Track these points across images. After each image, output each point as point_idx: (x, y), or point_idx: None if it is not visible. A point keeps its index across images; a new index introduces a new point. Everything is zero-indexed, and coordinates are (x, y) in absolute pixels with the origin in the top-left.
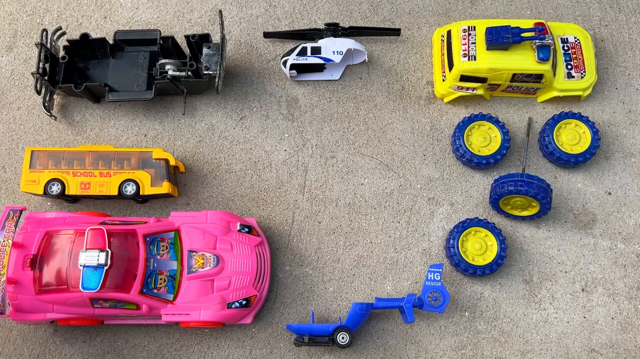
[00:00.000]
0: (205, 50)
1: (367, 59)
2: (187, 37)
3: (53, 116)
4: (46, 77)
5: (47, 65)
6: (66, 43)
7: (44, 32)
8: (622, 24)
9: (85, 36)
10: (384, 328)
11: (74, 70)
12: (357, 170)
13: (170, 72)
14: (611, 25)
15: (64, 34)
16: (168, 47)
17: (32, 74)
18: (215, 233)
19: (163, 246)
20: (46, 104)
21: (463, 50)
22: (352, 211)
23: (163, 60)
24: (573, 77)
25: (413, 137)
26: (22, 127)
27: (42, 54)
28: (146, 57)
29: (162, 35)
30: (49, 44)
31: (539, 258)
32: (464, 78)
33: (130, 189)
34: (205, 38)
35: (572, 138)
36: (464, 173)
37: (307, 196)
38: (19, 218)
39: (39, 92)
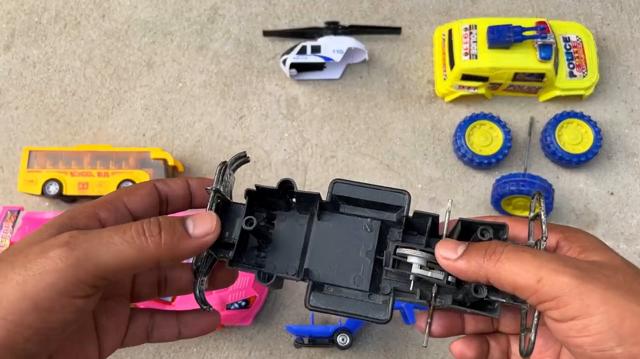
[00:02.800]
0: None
1: (367, 57)
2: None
3: (208, 306)
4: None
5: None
6: (251, 187)
7: (222, 168)
8: (625, 23)
9: (286, 185)
10: (384, 330)
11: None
12: (358, 170)
13: (415, 270)
14: (613, 24)
15: (245, 161)
16: (416, 221)
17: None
18: None
19: None
20: (201, 288)
21: (464, 49)
22: None
23: (405, 249)
24: (575, 76)
25: (414, 136)
26: (20, 126)
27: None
28: (374, 230)
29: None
30: (222, 185)
31: None
32: (465, 77)
33: None
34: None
35: (574, 138)
36: (465, 173)
37: None
38: (16, 218)
39: (196, 274)
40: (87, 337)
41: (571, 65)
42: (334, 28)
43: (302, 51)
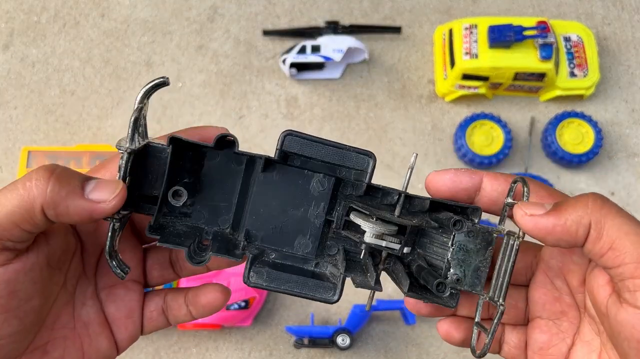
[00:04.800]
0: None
1: (367, 57)
2: None
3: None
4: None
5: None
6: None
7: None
8: (626, 22)
9: (225, 140)
10: (384, 330)
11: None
12: None
13: (369, 239)
14: (614, 24)
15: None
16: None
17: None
18: None
19: None
20: (114, 247)
21: (465, 49)
22: None
23: (359, 216)
24: (576, 75)
25: (414, 136)
26: (19, 126)
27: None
28: (327, 188)
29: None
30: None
31: None
32: (466, 76)
33: None
34: None
35: (575, 137)
36: None
37: None
38: None
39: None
40: (95, 331)
41: (572, 65)
42: (334, 27)
43: (302, 51)
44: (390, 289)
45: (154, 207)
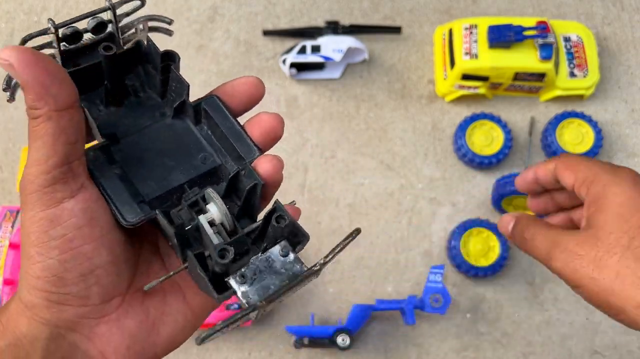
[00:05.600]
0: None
1: (367, 57)
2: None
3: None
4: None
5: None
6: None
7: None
8: (625, 23)
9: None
10: (384, 330)
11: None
12: (358, 170)
13: (203, 220)
14: (614, 24)
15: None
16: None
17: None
18: None
19: None
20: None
21: (465, 49)
22: (352, 212)
23: (212, 202)
24: (576, 76)
25: (414, 136)
26: (19, 126)
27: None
28: (207, 164)
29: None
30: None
31: None
32: (465, 77)
33: None
34: None
35: (575, 137)
36: (466, 173)
37: (307, 196)
38: (15, 218)
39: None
40: (187, 284)
41: (572, 65)
42: (334, 27)
43: (302, 51)
44: (390, 289)
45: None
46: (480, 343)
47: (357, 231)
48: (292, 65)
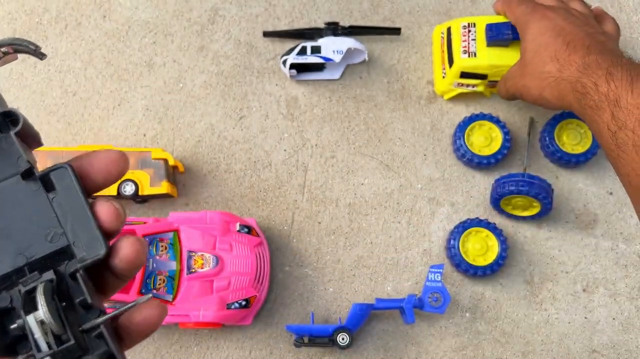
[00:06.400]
0: None
1: (367, 58)
2: None
3: None
4: None
5: None
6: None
7: None
8: (624, 23)
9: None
10: (384, 329)
11: None
12: (357, 170)
13: (32, 321)
14: None
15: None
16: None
17: None
18: (214, 233)
19: (162, 246)
20: None
21: (463, 47)
22: (352, 211)
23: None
24: None
25: (413, 137)
26: None
27: None
28: (55, 244)
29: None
30: None
31: (540, 258)
32: (464, 75)
33: (129, 189)
34: None
35: (574, 138)
36: (465, 173)
37: (307, 196)
38: None
39: None
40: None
41: None
42: (333, 29)
43: (302, 52)
44: (389, 288)
45: None
46: (479, 342)
47: None
48: (292, 66)
